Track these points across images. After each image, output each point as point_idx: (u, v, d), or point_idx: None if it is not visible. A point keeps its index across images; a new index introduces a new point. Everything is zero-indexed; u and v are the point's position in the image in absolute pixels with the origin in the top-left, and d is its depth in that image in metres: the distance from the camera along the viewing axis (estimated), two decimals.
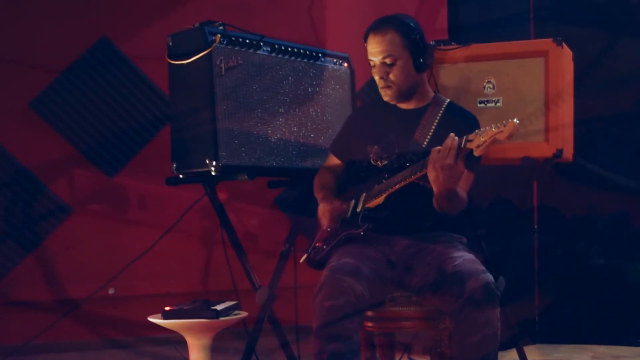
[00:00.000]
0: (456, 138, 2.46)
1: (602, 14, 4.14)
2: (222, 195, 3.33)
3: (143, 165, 4.28)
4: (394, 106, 2.83)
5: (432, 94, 2.86)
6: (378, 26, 2.74)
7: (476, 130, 2.44)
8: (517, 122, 2.36)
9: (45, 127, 4.16)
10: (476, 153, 2.43)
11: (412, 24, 2.75)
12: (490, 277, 2.49)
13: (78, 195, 4.23)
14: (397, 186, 2.64)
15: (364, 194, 2.77)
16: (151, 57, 3.97)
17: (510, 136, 2.37)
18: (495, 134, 2.38)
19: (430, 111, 2.78)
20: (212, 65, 2.96)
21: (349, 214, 2.79)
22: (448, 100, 2.84)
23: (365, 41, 2.78)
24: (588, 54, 3.99)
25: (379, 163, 2.76)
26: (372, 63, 2.77)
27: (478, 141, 2.42)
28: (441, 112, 2.77)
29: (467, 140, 2.44)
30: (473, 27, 3.88)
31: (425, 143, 2.71)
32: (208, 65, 2.96)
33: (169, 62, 3.11)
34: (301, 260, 2.90)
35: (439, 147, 2.49)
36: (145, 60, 4.23)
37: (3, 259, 4.12)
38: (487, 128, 2.41)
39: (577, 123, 3.35)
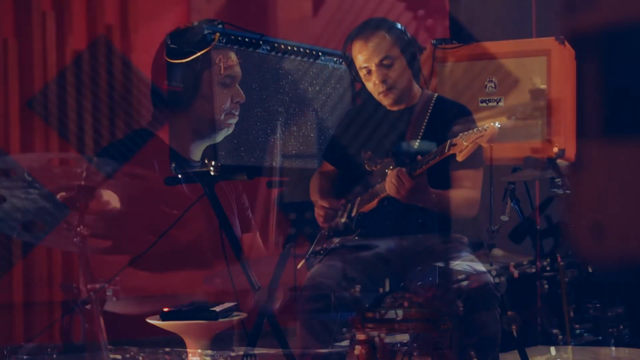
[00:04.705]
0: (403, 170, 2.48)
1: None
2: None
3: (142, 165, 4.25)
4: (384, 108, 2.80)
5: (419, 91, 2.83)
6: (365, 31, 2.70)
7: (460, 134, 2.42)
8: (499, 126, 2.34)
9: (43, 126, 4.14)
10: (459, 158, 2.41)
11: (393, 21, 2.74)
12: (489, 277, 2.47)
13: None
14: (386, 193, 2.62)
15: (359, 199, 2.75)
16: (150, 56, 3.94)
17: (491, 140, 2.35)
18: (477, 137, 2.37)
19: (419, 110, 2.76)
20: (211, 64, 2.94)
21: (344, 218, 2.77)
22: (436, 95, 2.81)
23: (348, 51, 2.73)
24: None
25: (373, 168, 2.74)
26: (365, 70, 2.71)
27: (461, 145, 2.39)
28: (430, 109, 2.75)
29: (451, 145, 2.42)
30: None
31: (416, 144, 2.69)
32: (207, 64, 2.94)
33: (168, 61, 3.08)
34: (298, 266, 2.88)
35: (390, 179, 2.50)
36: (143, 59, 4.21)
37: (1, 260, 4.10)
38: (470, 132, 2.39)
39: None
